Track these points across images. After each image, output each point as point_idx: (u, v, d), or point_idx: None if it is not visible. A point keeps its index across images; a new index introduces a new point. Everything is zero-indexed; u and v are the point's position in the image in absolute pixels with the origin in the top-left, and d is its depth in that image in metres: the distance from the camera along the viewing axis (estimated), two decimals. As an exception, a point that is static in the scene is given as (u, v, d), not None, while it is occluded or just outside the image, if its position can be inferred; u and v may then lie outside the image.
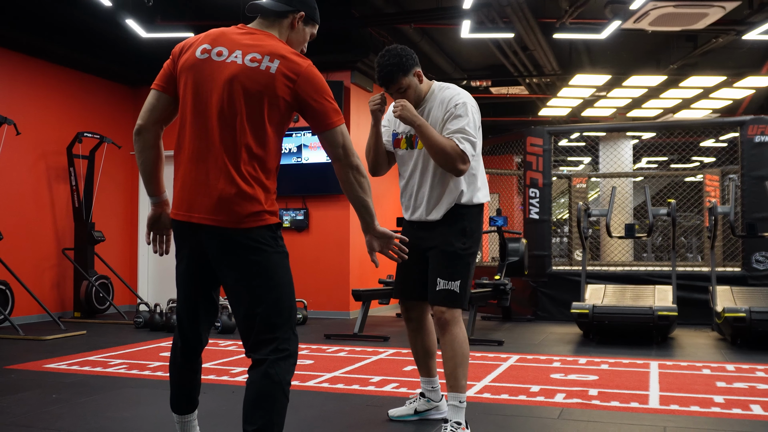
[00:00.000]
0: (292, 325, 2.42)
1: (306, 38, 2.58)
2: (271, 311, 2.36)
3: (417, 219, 3.32)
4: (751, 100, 13.00)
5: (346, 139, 2.40)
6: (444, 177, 3.22)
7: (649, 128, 12.22)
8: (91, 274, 8.43)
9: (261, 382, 2.28)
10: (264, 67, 2.32)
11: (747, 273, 7.70)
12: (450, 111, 3.16)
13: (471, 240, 3.24)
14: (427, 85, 3.31)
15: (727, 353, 5.82)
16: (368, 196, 2.51)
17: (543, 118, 14.42)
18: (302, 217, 8.91)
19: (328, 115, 2.37)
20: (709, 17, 7.73)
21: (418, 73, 3.25)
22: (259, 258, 2.38)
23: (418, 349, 3.53)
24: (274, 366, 2.30)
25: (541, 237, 8.52)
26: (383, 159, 3.44)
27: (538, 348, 6.10)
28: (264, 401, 2.27)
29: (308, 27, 2.57)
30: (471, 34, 8.45)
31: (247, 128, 2.32)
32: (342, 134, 2.38)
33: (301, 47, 2.58)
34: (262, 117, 2.32)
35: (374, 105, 3.26)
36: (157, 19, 8.33)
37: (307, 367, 5.06)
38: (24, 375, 4.82)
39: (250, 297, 2.36)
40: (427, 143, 3.12)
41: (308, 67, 2.36)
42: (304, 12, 2.51)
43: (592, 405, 3.86)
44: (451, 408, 3.15)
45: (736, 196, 7.64)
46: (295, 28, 2.51)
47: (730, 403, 3.90)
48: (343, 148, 2.40)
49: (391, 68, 3.19)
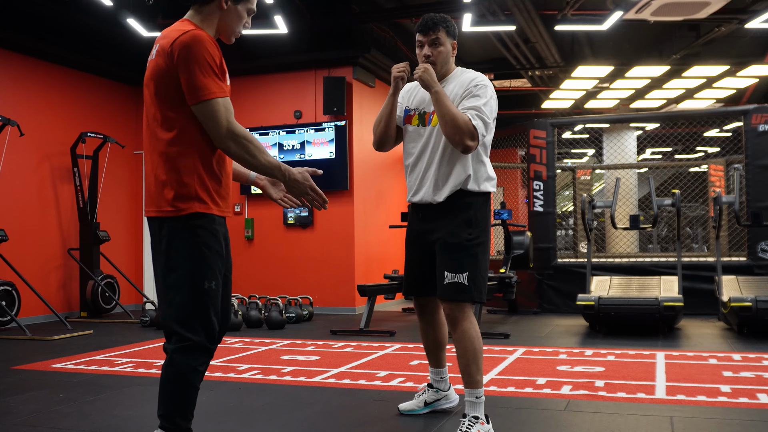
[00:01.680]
0: (197, 317, 2.42)
1: (242, 15, 2.55)
2: (174, 303, 2.44)
3: (421, 200, 3.25)
4: (755, 89, 12.94)
5: (219, 113, 2.34)
6: (453, 157, 3.16)
7: (653, 119, 12.17)
8: (96, 274, 8.45)
9: (165, 371, 2.43)
10: (155, 55, 2.40)
11: (752, 262, 7.69)
12: (469, 90, 3.15)
13: (478, 230, 3.17)
14: (453, 65, 3.33)
15: (733, 343, 5.81)
16: (263, 152, 2.44)
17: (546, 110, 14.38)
18: (306, 214, 8.92)
19: (197, 87, 2.32)
20: (711, 6, 7.69)
21: (454, 45, 3.29)
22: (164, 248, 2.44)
23: (429, 341, 3.51)
24: (176, 355, 2.41)
25: (546, 229, 8.51)
26: (392, 132, 3.37)
27: (544, 340, 6.10)
28: (167, 388, 2.42)
29: (240, 4, 2.53)
30: (472, 27, 8.43)
31: (159, 118, 2.41)
32: (214, 109, 2.33)
33: (241, 26, 2.57)
34: (165, 103, 2.39)
35: (398, 71, 3.21)
36: (158, 18, 8.33)
37: (314, 363, 5.07)
38: (31, 375, 4.83)
39: (161, 289, 2.47)
40: (440, 111, 3.07)
41: (183, 36, 2.33)
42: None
43: (598, 396, 3.86)
44: (468, 404, 3.10)
45: (740, 185, 7.62)
46: (225, 9, 2.49)
47: (737, 392, 3.90)
48: (215, 123, 2.35)
49: (438, 20, 3.24)
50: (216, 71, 2.36)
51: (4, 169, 7.52)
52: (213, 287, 2.45)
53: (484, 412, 3.10)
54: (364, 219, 9.06)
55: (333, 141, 8.74)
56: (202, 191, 2.43)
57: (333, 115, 8.82)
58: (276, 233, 9.12)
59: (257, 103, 9.33)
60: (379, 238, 9.41)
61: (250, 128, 9.14)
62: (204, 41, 2.34)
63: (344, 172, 8.71)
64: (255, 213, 9.24)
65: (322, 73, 8.95)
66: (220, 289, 2.50)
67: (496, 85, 12.90)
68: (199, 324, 2.41)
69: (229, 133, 2.36)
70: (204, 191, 2.44)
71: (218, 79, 2.36)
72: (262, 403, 3.88)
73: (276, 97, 9.25)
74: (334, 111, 8.67)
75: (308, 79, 9.10)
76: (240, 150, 2.40)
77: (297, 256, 9.01)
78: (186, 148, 2.40)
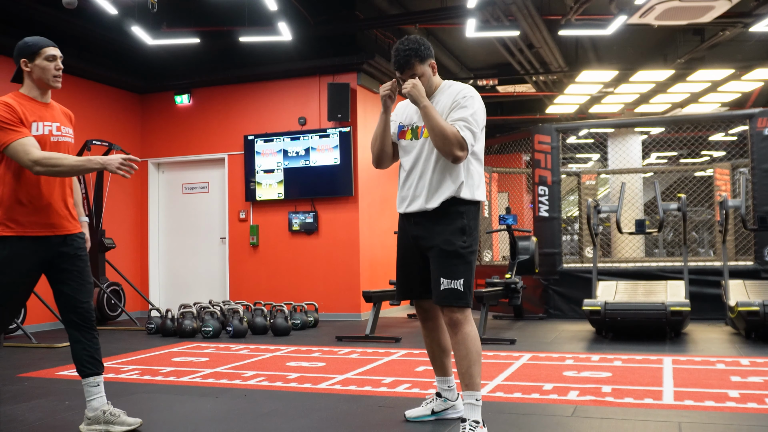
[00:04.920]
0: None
1: (45, 66, 3.32)
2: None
3: (415, 210, 3.31)
4: (760, 92, 12.92)
5: (18, 152, 3.14)
6: (446, 167, 3.24)
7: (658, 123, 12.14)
8: (102, 281, 8.46)
9: None
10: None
11: (760, 266, 7.65)
12: (457, 101, 3.23)
13: (471, 238, 3.25)
14: (439, 80, 3.39)
15: (741, 347, 5.78)
16: (65, 163, 3.20)
17: (550, 115, 14.39)
18: (311, 220, 8.92)
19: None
20: (715, 10, 7.68)
21: (432, 65, 3.33)
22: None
23: (434, 347, 3.53)
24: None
25: (552, 235, 8.49)
26: (389, 149, 3.44)
27: (551, 346, 6.08)
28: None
29: (37, 61, 3.30)
30: (476, 33, 8.44)
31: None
32: (14, 151, 3.15)
33: (50, 75, 3.34)
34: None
35: (384, 91, 3.31)
36: (162, 26, 8.37)
37: (319, 370, 5.06)
38: (37, 382, 4.84)
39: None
40: (429, 124, 3.17)
41: None
42: (24, 58, 3.30)
43: (605, 402, 3.84)
44: (468, 406, 3.15)
45: (746, 189, 7.59)
46: (29, 71, 3.33)
47: (745, 397, 3.87)
48: (19, 159, 3.15)
49: (408, 53, 3.25)
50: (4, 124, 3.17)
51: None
52: None
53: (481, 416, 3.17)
54: (369, 225, 9.06)
55: (338, 147, 8.75)
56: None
57: (337, 122, 8.82)
58: (281, 240, 9.12)
59: (262, 109, 9.34)
60: (384, 244, 9.40)
61: (255, 135, 9.17)
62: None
63: (349, 178, 8.71)
64: (260, 220, 9.24)
65: (326, 80, 8.96)
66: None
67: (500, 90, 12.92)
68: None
69: (31, 161, 3.14)
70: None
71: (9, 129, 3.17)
72: (268, 410, 3.87)
73: (280, 104, 9.26)
74: (338, 117, 8.68)
75: (312, 86, 9.11)
76: (47, 165, 3.16)
77: (302, 263, 9.01)
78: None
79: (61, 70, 3.39)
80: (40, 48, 3.31)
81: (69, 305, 3.36)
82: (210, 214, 9.71)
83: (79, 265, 3.39)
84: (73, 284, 3.35)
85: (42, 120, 3.33)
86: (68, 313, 3.38)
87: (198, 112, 9.66)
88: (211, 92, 9.64)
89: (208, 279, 9.66)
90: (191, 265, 9.77)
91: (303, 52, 9.03)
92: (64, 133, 3.44)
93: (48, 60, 3.32)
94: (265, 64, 9.21)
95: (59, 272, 3.35)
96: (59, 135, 3.40)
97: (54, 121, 3.41)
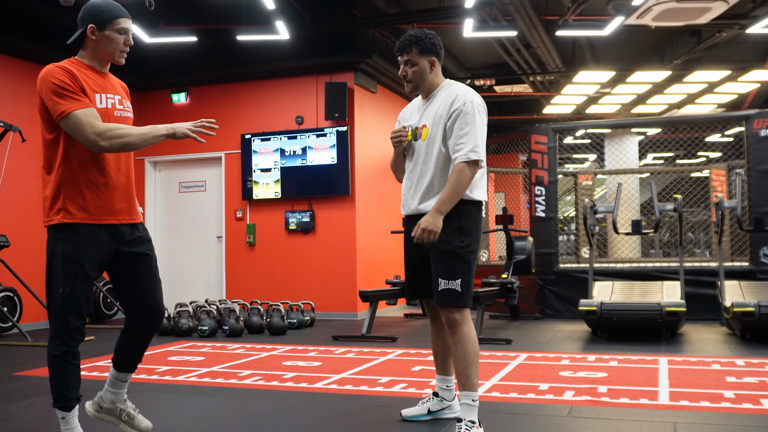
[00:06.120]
0: (53, 315, 2.85)
1: (114, 39, 2.89)
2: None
3: (414, 211, 3.33)
4: (756, 94, 12.95)
5: (82, 123, 2.73)
6: (444, 168, 3.25)
7: (655, 124, 12.18)
8: (98, 280, 8.45)
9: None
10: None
11: (755, 267, 7.67)
12: (453, 117, 3.20)
13: (469, 238, 3.23)
14: (440, 78, 3.40)
15: (736, 348, 5.79)
16: (133, 133, 2.81)
17: (547, 115, 14.40)
18: (308, 219, 8.91)
19: (56, 109, 2.76)
20: (712, 12, 7.70)
21: (432, 61, 3.33)
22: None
23: (439, 345, 3.54)
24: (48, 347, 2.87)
25: (548, 235, 8.50)
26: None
27: (547, 346, 6.09)
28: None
29: (107, 30, 2.87)
30: (474, 33, 8.45)
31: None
32: (77, 121, 2.73)
33: (118, 50, 2.92)
34: (44, 131, 2.87)
35: (395, 141, 3.39)
36: (159, 24, 8.36)
37: (315, 369, 5.06)
38: (32, 381, 4.83)
39: None
40: (453, 200, 3.15)
41: (41, 72, 2.84)
42: (93, 24, 2.86)
43: (601, 402, 3.85)
44: (464, 407, 3.16)
45: (742, 190, 7.61)
46: (95, 40, 2.88)
47: (741, 398, 3.88)
48: (81, 132, 2.74)
49: (411, 39, 3.30)
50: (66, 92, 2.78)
51: (6, 175, 7.53)
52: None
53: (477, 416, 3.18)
54: (366, 224, 9.05)
55: (335, 146, 8.75)
56: (55, 206, 2.86)
57: (334, 121, 8.82)
58: (277, 239, 9.12)
59: (259, 108, 9.34)
60: (381, 244, 9.40)
61: (252, 134, 9.16)
62: (50, 71, 2.83)
63: (346, 177, 8.71)
64: (257, 219, 9.24)
65: (323, 79, 8.96)
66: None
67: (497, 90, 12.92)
68: (56, 321, 2.84)
69: (97, 138, 2.75)
70: (55, 206, 2.86)
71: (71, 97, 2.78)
72: (263, 410, 3.87)
73: (277, 103, 9.26)
74: (335, 116, 8.68)
75: (310, 85, 9.11)
76: (113, 141, 2.77)
77: (298, 262, 9.01)
78: (50, 162, 2.90)
79: (128, 47, 2.95)
80: (114, 17, 2.86)
81: (143, 307, 3.02)
82: (207, 213, 9.70)
83: (152, 261, 3.09)
84: (146, 284, 3.03)
85: (104, 91, 2.91)
86: (141, 317, 3.03)
87: (195, 111, 9.64)
88: (208, 91, 9.63)
89: (204, 278, 9.66)
90: (188, 264, 9.75)
91: (300, 50, 9.02)
92: (126, 108, 3.02)
93: (119, 33, 2.88)
94: (263, 62, 9.21)
95: (127, 269, 2.99)
96: (122, 109, 2.98)
97: (116, 94, 2.98)
